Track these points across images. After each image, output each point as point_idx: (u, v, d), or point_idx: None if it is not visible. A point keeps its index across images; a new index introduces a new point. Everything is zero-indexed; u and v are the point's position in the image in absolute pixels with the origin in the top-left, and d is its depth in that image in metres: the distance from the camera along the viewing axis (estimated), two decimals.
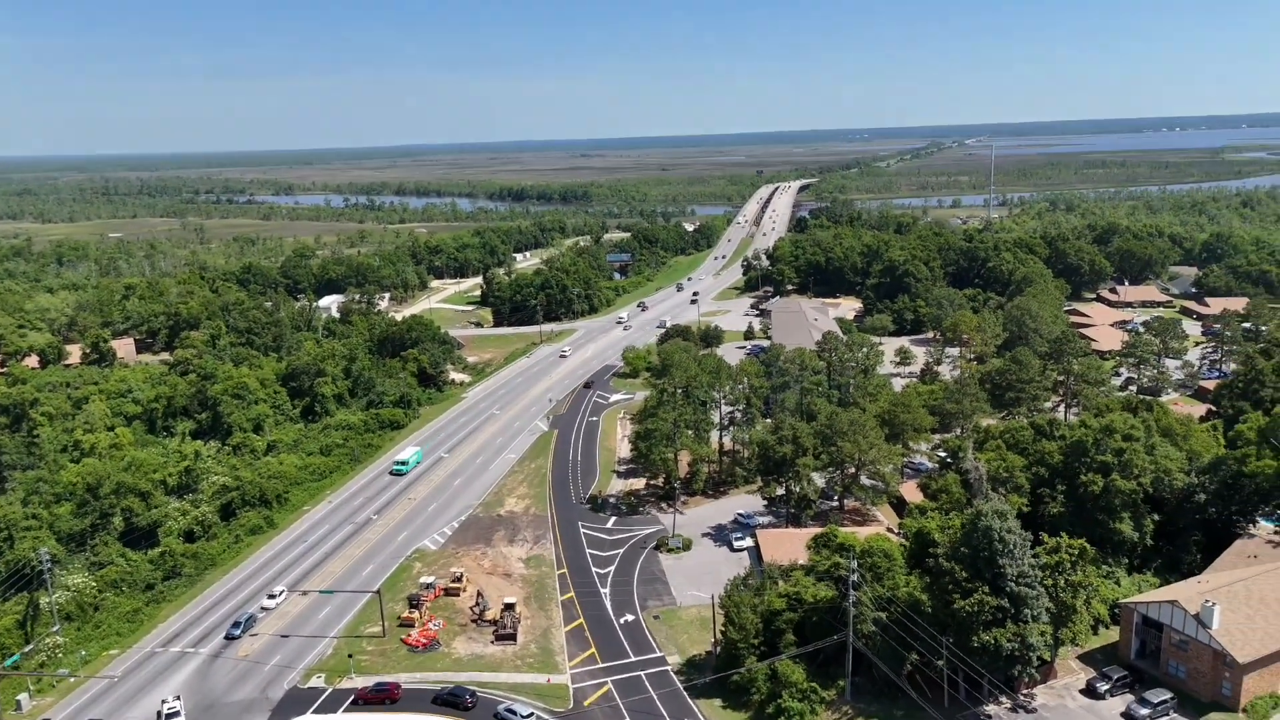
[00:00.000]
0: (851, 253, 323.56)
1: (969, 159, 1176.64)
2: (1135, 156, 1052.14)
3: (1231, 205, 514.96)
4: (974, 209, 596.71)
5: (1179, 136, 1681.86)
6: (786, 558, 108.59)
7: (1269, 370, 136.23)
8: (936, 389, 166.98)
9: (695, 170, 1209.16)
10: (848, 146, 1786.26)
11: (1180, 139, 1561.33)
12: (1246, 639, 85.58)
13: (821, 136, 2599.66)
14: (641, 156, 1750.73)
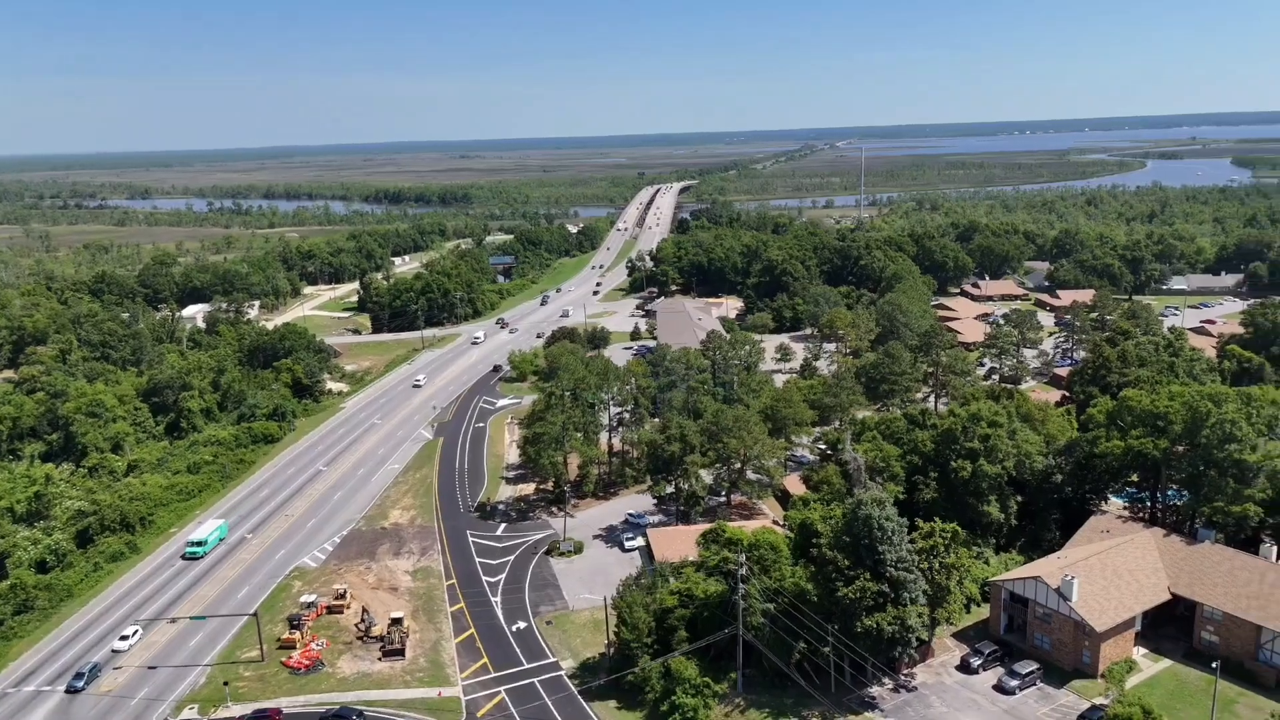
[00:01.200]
0: (732, 253, 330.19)
1: (840, 161, 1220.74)
2: (991, 158, 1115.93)
3: (1078, 204, 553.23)
4: (846, 209, 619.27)
5: (1029, 139, 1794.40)
6: (677, 555, 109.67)
7: (1114, 357, 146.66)
8: (816, 384, 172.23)
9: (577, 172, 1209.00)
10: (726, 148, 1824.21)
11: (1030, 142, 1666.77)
12: (1102, 609, 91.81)
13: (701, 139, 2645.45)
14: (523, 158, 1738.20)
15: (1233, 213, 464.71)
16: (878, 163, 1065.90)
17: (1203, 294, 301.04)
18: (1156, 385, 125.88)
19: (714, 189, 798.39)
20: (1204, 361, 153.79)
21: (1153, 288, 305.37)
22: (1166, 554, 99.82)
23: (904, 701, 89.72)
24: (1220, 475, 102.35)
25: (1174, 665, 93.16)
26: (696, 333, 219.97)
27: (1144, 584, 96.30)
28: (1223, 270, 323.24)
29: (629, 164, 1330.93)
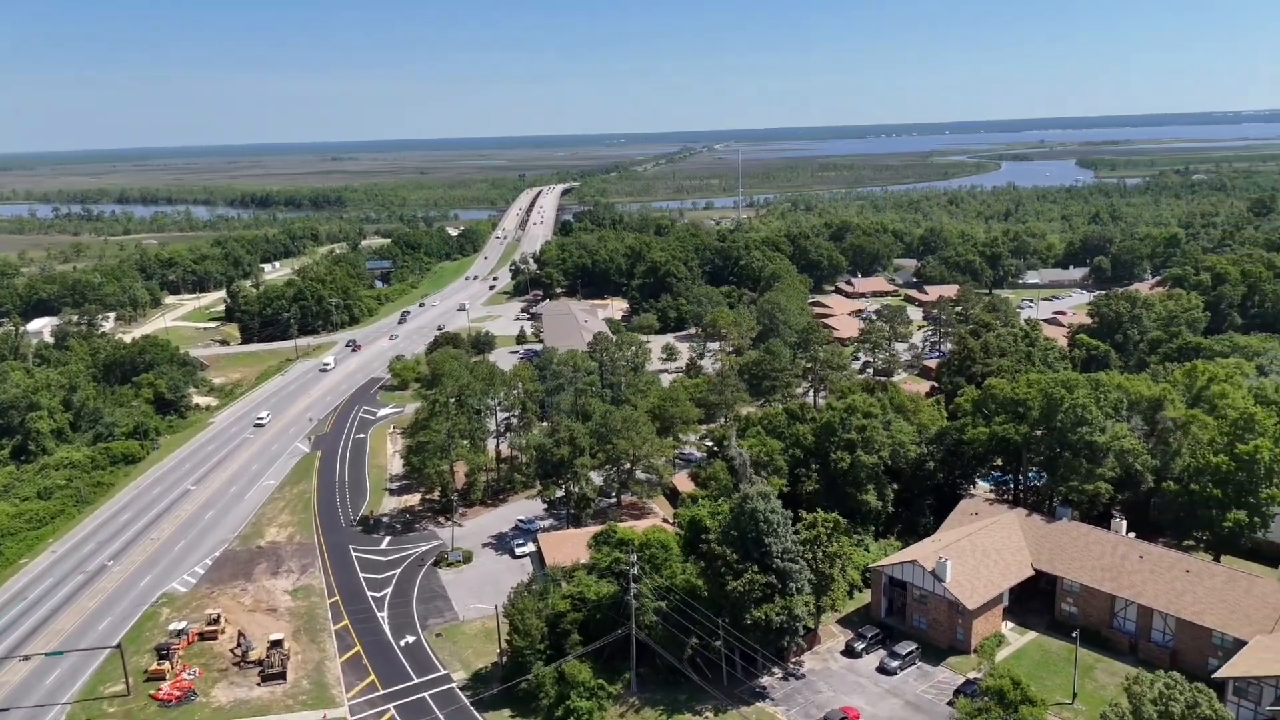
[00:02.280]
0: (616, 255, 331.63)
1: (719, 163, 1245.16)
2: (861, 160, 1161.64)
3: (941, 203, 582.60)
4: (725, 210, 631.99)
5: (894, 142, 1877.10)
6: (569, 559, 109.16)
7: (977, 349, 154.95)
8: (701, 382, 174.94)
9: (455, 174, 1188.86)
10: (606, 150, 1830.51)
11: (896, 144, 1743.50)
12: (973, 588, 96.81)
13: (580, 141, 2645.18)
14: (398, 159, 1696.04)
15: (1078, 210, 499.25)
16: (754, 165, 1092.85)
17: (1054, 287, 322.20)
18: (1016, 374, 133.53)
19: (596, 191, 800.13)
20: (1057, 350, 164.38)
21: (1010, 282, 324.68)
22: (1029, 532, 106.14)
23: (793, 689, 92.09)
24: (1074, 456, 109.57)
25: (1039, 637, 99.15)
26: (583, 335, 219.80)
27: (1010, 562, 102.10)
28: (1071, 264, 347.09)
29: (509, 166, 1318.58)
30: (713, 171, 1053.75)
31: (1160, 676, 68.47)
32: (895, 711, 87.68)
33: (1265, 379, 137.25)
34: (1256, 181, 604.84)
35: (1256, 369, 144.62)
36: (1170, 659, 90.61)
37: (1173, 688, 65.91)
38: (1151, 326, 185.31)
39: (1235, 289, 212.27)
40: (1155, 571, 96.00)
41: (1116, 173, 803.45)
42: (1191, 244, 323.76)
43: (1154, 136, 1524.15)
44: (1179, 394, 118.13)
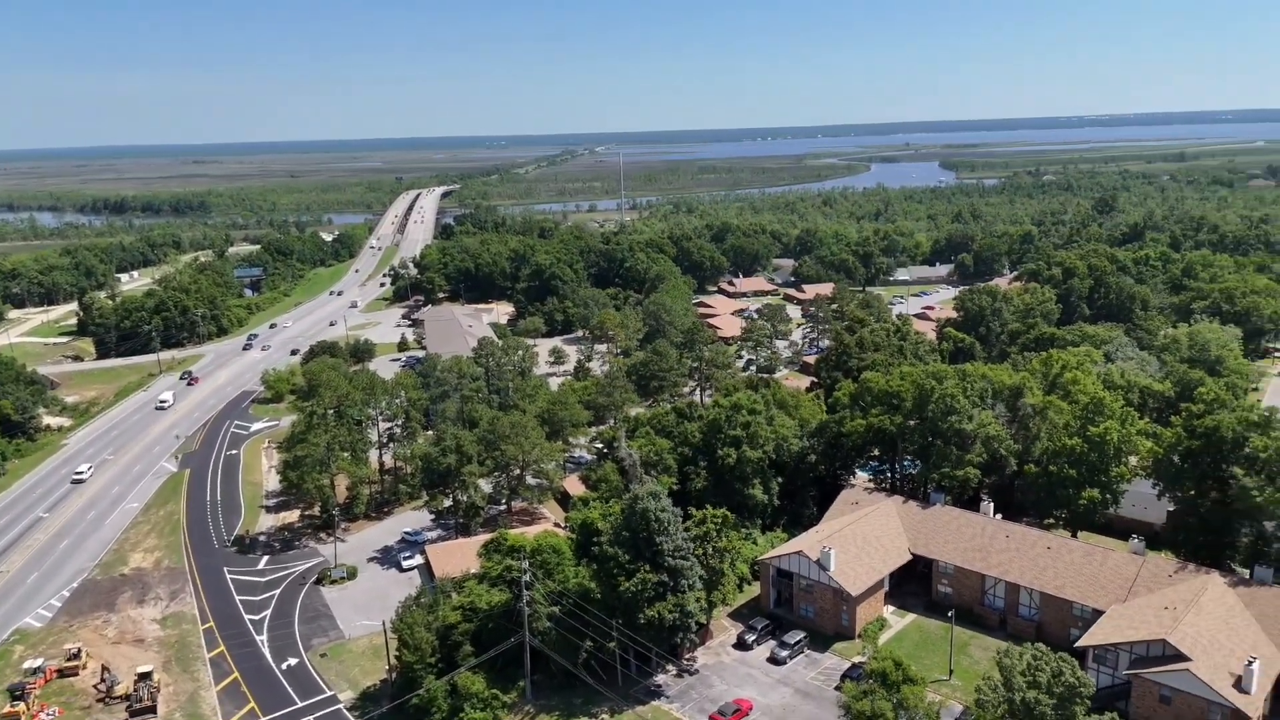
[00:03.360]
0: (500, 258, 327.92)
1: (600, 165, 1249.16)
2: (738, 163, 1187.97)
3: (815, 204, 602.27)
4: (609, 213, 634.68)
5: (770, 145, 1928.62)
6: (459, 569, 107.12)
7: (853, 344, 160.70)
8: (589, 384, 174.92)
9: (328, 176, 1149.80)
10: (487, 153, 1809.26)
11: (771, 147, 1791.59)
12: (856, 574, 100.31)
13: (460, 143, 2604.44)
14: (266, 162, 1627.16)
15: (942, 210, 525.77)
16: (636, 167, 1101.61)
17: (922, 283, 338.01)
18: (889, 367, 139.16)
19: (477, 194, 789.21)
20: (927, 344, 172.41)
21: (881, 279, 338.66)
22: (906, 518, 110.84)
23: (688, 685, 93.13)
24: (945, 444, 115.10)
25: (918, 618, 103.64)
26: (467, 340, 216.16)
27: (889, 548, 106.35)
28: (937, 261, 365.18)
29: (385, 168, 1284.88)
30: (595, 174, 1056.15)
31: (1028, 649, 72.64)
32: (786, 700, 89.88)
33: (1112, 365, 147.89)
34: (1099, 182, 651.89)
35: (1104, 356, 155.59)
36: (1036, 631, 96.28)
37: (1039, 658, 70.04)
38: (1011, 319, 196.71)
39: (1083, 282, 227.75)
40: (1020, 550, 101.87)
41: (976, 174, 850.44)
42: (1044, 241, 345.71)
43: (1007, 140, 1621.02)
44: (1037, 382, 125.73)
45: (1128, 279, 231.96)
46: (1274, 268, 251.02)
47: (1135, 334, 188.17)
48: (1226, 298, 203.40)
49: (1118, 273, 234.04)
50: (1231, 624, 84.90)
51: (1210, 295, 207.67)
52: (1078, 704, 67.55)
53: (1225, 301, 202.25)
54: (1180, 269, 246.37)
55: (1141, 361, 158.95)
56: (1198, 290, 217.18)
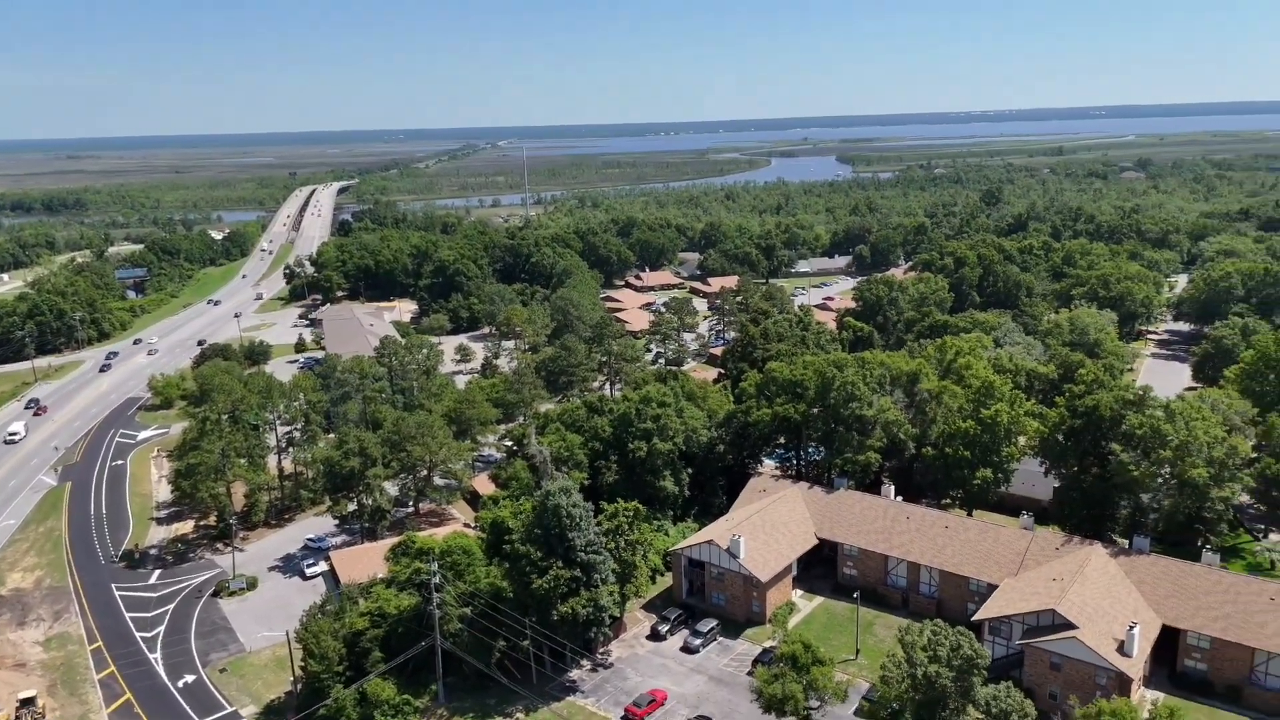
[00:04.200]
0: (401, 255, 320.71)
1: (503, 160, 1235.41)
2: (643, 158, 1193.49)
3: (718, 198, 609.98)
4: (513, 208, 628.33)
5: (673, 140, 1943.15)
6: (365, 574, 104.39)
7: (758, 335, 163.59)
8: (497, 381, 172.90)
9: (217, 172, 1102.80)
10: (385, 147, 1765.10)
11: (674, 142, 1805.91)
12: (765, 561, 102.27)
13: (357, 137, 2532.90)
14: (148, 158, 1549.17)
15: (840, 203, 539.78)
16: (539, 162, 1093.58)
17: (822, 275, 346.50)
18: (793, 357, 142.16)
19: (376, 189, 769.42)
20: (828, 333, 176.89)
21: (784, 271, 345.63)
22: (811, 504, 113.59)
23: (603, 679, 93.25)
24: (847, 430, 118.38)
25: (825, 601, 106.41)
26: (369, 339, 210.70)
27: (796, 533, 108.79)
28: (836, 253, 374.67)
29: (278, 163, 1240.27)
30: (498, 169, 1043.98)
31: (928, 625, 75.41)
32: (700, 688, 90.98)
33: (1001, 350, 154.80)
34: (986, 175, 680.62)
35: (994, 341, 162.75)
36: (936, 608, 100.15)
37: (939, 634, 72.79)
38: (906, 308, 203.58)
39: (973, 271, 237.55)
40: (920, 530, 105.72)
41: (871, 168, 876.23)
42: (936, 232, 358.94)
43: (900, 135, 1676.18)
44: (932, 368, 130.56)
45: (1014, 267, 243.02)
46: (1145, 255, 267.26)
47: (1021, 319, 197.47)
48: (1103, 284, 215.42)
49: (1004, 261, 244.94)
50: (1113, 592, 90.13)
51: (1088, 282, 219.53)
52: (975, 675, 70.53)
53: (1102, 287, 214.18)
54: (1061, 257, 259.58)
55: (1027, 346, 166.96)
56: (1077, 277, 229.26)
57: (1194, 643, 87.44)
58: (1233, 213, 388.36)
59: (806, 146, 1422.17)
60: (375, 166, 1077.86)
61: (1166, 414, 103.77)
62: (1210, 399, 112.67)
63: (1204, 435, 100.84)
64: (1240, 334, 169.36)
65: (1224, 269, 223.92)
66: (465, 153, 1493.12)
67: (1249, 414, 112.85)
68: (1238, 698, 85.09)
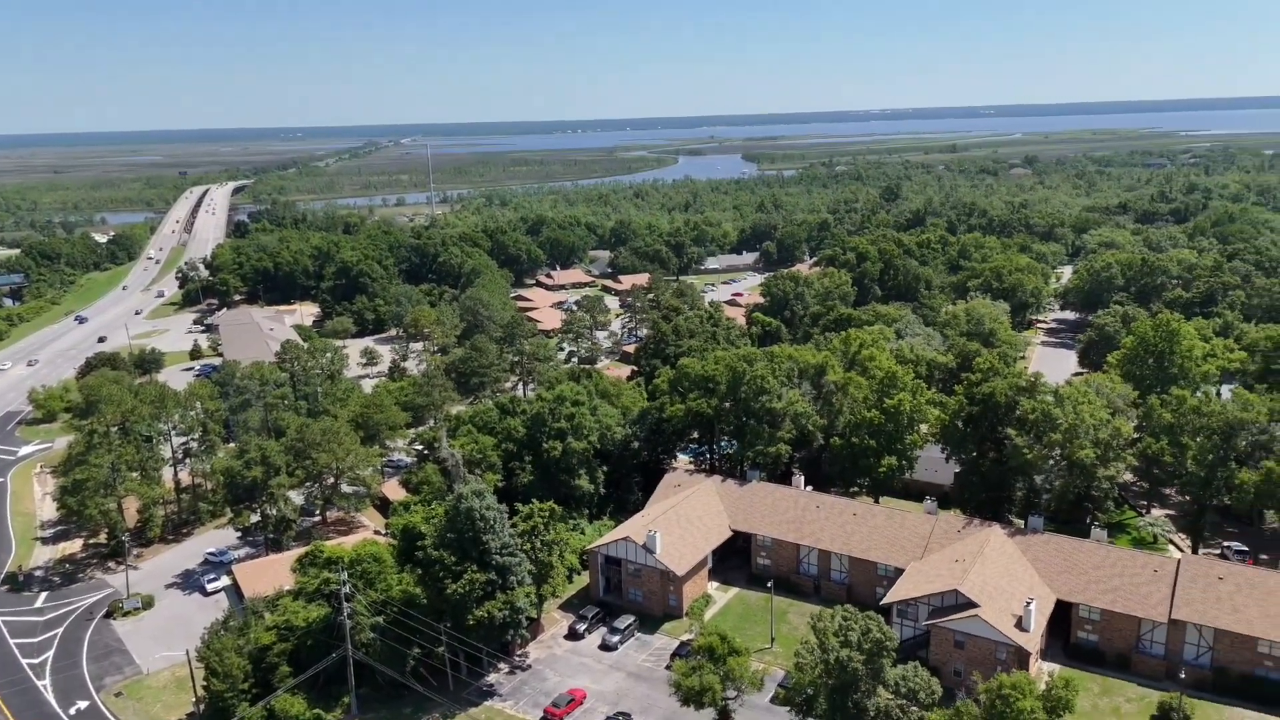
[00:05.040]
0: (301, 256, 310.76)
1: (407, 158, 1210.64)
2: (550, 155, 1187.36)
3: (627, 196, 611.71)
4: (418, 206, 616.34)
5: (581, 138, 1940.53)
6: (271, 587, 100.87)
7: (669, 332, 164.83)
8: (406, 384, 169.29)
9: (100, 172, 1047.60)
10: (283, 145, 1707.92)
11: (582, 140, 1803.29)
12: (681, 555, 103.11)
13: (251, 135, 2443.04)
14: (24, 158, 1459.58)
15: (747, 200, 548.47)
16: (445, 160, 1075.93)
17: (731, 271, 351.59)
18: (704, 353, 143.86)
19: (273, 188, 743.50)
20: (737, 329, 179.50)
21: (693, 268, 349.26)
22: (725, 497, 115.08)
23: (521, 681, 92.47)
24: (758, 423, 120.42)
25: (740, 592, 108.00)
26: (269, 344, 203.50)
27: (711, 526, 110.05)
28: (744, 250, 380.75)
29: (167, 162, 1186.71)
30: (401, 167, 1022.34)
31: (839, 610, 77.28)
32: (619, 684, 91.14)
33: (902, 341, 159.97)
34: (885, 172, 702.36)
35: (895, 333, 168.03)
36: (847, 593, 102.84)
37: (849, 619, 74.69)
38: (812, 302, 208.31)
39: (874, 265, 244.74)
40: (829, 518, 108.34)
41: (776, 165, 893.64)
42: (838, 227, 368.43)
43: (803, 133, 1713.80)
44: (838, 360, 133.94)
45: (913, 261, 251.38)
46: (1033, 248, 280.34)
47: (921, 311, 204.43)
48: (996, 276, 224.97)
49: (904, 256, 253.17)
50: (1011, 570, 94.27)
51: (982, 274, 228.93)
52: (885, 657, 72.66)
53: (995, 279, 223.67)
54: (957, 251, 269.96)
55: (927, 337, 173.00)
56: (972, 270, 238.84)
57: (1085, 615, 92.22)
58: (1112, 207, 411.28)
59: (713, 145, 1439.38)
60: (272, 165, 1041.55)
61: (1056, 399, 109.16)
62: (1095, 383, 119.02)
63: (1090, 418, 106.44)
64: (1121, 321, 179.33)
65: (1105, 260, 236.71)
66: (367, 151, 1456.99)
67: (1130, 397, 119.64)
68: (1126, 665, 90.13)
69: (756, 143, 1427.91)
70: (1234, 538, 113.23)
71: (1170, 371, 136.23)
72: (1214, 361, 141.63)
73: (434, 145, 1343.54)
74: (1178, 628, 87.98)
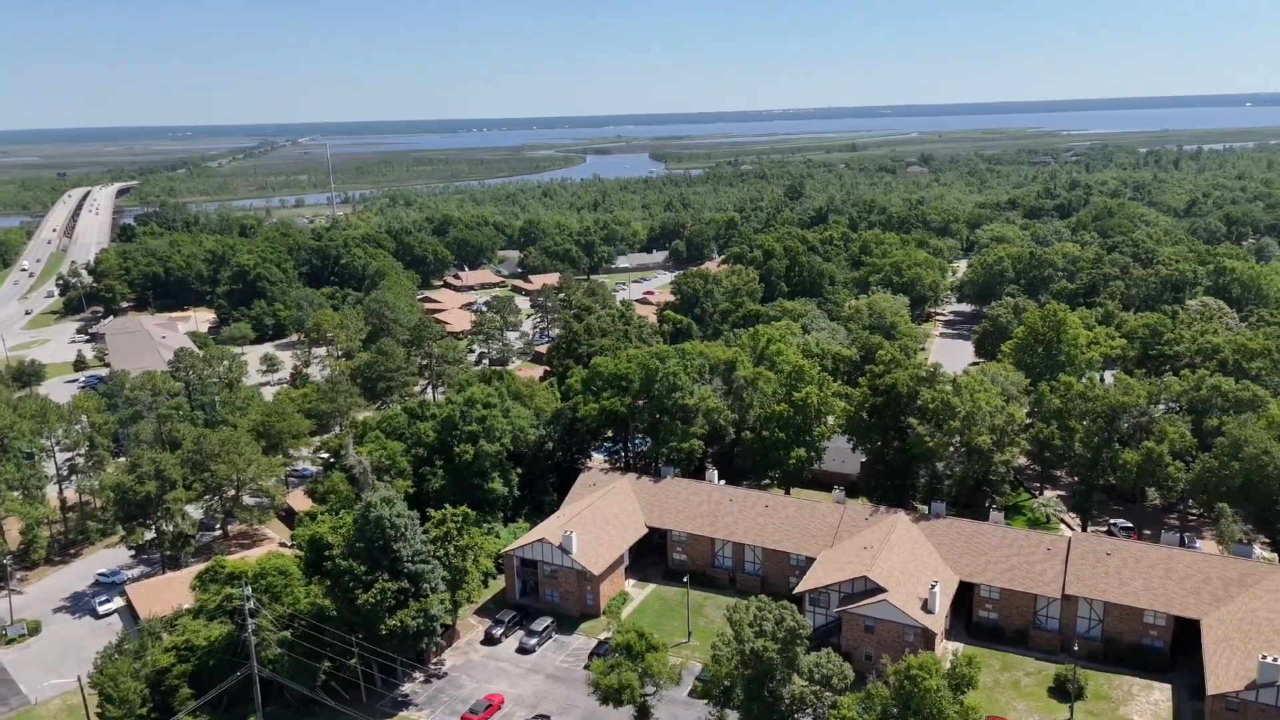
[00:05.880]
0: (195, 260, 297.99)
1: (305, 158, 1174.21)
2: (455, 154, 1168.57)
3: (536, 195, 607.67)
4: (319, 207, 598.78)
5: (486, 136, 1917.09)
6: (169, 606, 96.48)
7: (582, 331, 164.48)
8: (309, 391, 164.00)
9: None
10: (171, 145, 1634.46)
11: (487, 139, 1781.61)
12: (597, 554, 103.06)
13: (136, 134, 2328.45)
14: None
15: (655, 199, 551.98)
16: (345, 160, 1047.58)
17: (641, 269, 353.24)
18: (617, 351, 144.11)
19: (162, 190, 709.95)
20: (649, 327, 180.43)
21: (604, 267, 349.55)
22: (641, 494, 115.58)
23: (437, 689, 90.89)
24: (671, 420, 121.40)
25: (657, 588, 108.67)
26: (161, 353, 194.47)
27: (627, 524, 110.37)
28: (653, 248, 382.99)
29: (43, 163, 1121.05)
30: (300, 167, 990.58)
31: (753, 601, 78.59)
32: (538, 687, 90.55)
33: (808, 336, 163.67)
34: (788, 171, 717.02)
35: (802, 328, 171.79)
36: (761, 584, 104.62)
37: (763, 609, 76.00)
38: (721, 299, 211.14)
39: (780, 262, 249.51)
40: (743, 511, 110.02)
41: (683, 165, 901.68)
42: (745, 226, 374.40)
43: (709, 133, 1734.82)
44: (747, 355, 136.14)
45: (817, 258, 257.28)
46: (930, 243, 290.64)
47: (825, 306, 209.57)
48: (896, 271, 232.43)
49: (808, 252, 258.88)
50: (917, 554, 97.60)
51: (883, 269, 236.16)
52: (799, 645, 74.21)
53: (895, 274, 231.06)
54: (858, 247, 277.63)
55: (832, 331, 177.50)
56: (873, 265, 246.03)
57: (986, 594, 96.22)
58: (1002, 203, 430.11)
59: (621, 144, 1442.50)
60: (160, 165, 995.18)
61: (954, 388, 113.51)
62: (990, 372, 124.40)
63: (986, 406, 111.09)
64: (1012, 312, 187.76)
65: (997, 254, 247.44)
66: (263, 150, 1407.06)
67: (1022, 384, 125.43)
68: (1024, 641, 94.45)
69: (664, 142, 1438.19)
70: (1119, 515, 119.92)
71: (1058, 359, 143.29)
72: (1097, 349, 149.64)
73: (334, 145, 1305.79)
74: (1070, 603, 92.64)
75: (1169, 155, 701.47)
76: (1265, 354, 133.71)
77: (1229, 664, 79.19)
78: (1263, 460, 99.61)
